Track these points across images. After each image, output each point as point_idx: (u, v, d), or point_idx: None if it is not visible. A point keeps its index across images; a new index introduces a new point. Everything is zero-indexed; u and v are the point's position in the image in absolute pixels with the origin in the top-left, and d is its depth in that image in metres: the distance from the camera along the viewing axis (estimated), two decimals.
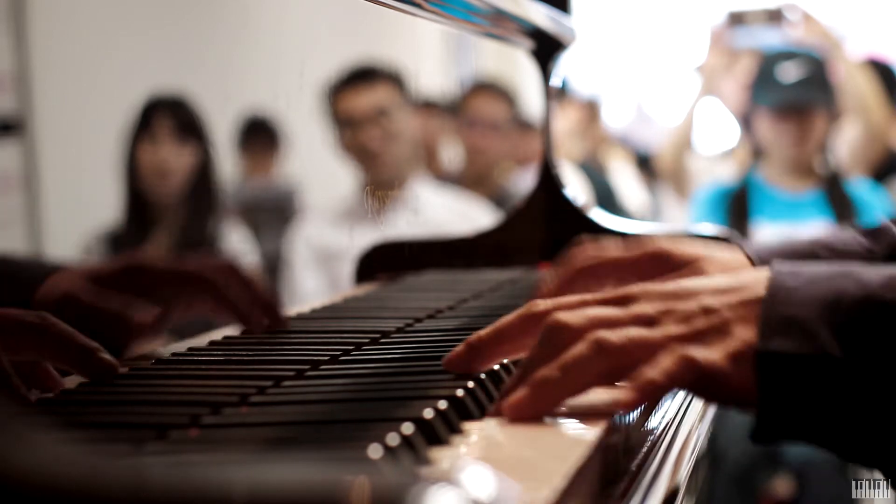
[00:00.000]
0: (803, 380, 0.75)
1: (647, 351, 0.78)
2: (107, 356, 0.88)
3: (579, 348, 0.77)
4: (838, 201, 3.22)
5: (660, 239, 1.03)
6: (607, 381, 0.79)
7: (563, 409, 0.79)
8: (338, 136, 2.26)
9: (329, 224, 2.03)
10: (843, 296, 0.77)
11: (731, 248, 1.08)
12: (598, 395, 0.82)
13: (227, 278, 1.06)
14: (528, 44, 1.65)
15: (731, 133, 4.23)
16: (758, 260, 1.05)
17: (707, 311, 0.79)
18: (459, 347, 0.84)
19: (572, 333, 0.79)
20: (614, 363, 0.78)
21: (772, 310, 0.77)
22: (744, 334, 0.77)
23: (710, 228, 1.67)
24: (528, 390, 0.77)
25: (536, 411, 0.77)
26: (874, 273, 0.78)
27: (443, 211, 2.62)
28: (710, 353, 0.77)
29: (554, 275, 1.06)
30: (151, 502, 0.41)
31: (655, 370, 0.76)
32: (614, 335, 0.78)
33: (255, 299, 1.08)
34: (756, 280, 0.80)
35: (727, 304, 0.79)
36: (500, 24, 1.56)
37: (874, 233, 1.11)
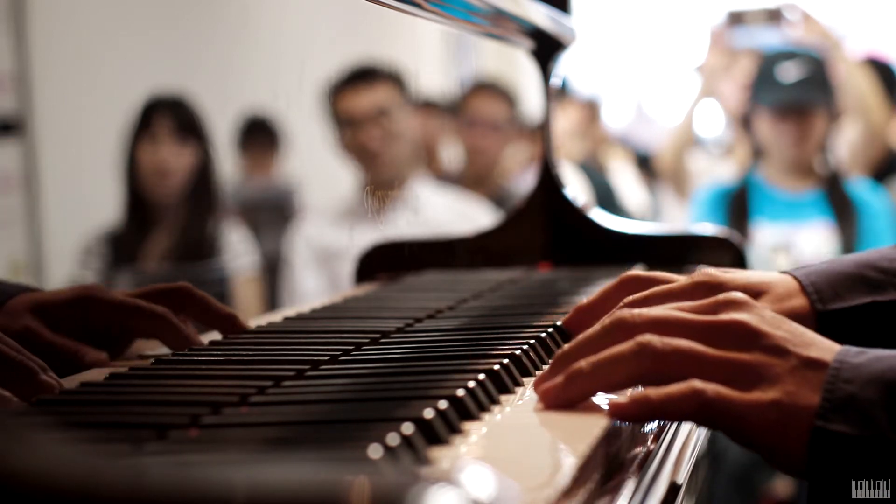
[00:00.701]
0: (857, 461, 0.76)
1: (691, 363, 0.78)
2: (48, 378, 0.87)
3: (621, 347, 0.78)
4: (838, 201, 3.21)
5: (709, 270, 1.02)
6: (647, 383, 0.79)
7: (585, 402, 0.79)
8: (338, 136, 2.26)
9: (329, 224, 2.03)
10: None
11: (782, 277, 1.07)
12: (598, 396, 0.82)
13: (184, 304, 1.07)
14: (528, 44, 1.65)
15: (730, 133, 4.23)
16: (814, 291, 1.04)
17: (775, 350, 0.79)
18: (556, 379, 0.81)
19: (628, 330, 0.80)
20: (652, 368, 0.78)
21: (835, 384, 0.77)
22: (802, 396, 0.77)
23: (710, 228, 1.67)
24: (562, 379, 0.79)
25: (566, 400, 0.79)
26: None
27: (443, 211, 2.62)
28: (754, 396, 0.77)
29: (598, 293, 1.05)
30: (151, 502, 0.41)
31: (659, 391, 0.77)
32: (660, 341, 0.78)
33: (215, 317, 1.09)
34: (825, 346, 0.80)
35: (798, 354, 0.79)
36: (500, 24, 1.56)
37: None
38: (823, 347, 0.80)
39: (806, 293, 1.02)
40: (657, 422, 0.89)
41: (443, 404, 0.71)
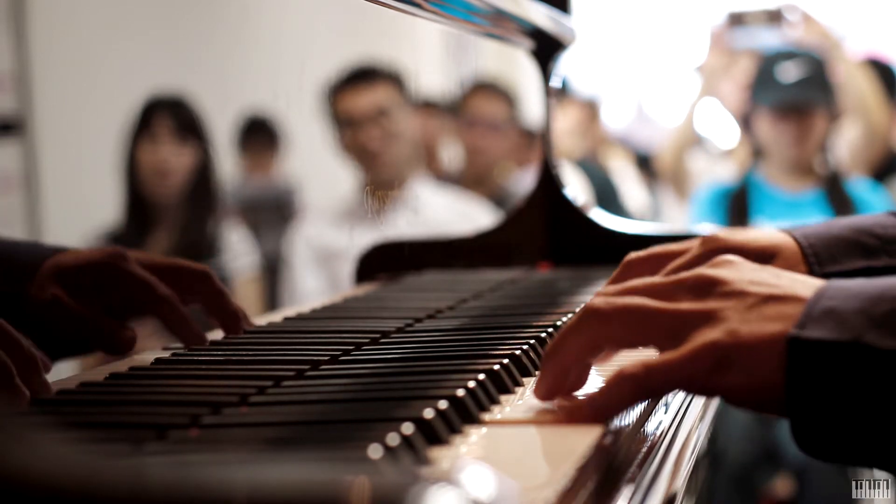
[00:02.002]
0: (836, 370, 0.71)
1: (636, 320, 0.76)
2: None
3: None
4: (838, 201, 3.22)
5: (717, 233, 1.02)
6: (611, 347, 0.79)
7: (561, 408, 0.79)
8: (338, 136, 2.26)
9: (329, 224, 2.03)
10: (891, 289, 0.73)
11: (780, 234, 1.07)
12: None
13: (200, 289, 1.08)
14: (528, 44, 1.65)
15: (730, 133, 4.23)
16: (812, 255, 1.04)
17: (732, 294, 0.76)
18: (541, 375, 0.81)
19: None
20: (601, 330, 0.77)
21: (817, 301, 0.74)
22: (739, 329, 0.73)
23: (710, 228, 1.67)
24: (540, 371, 0.79)
25: (547, 386, 0.78)
26: None
27: (443, 211, 2.62)
28: (667, 356, 0.74)
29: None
30: (151, 502, 0.41)
31: (594, 393, 0.76)
32: (604, 302, 0.77)
33: (223, 311, 1.09)
34: (807, 283, 0.77)
35: (760, 293, 0.75)
36: (500, 24, 1.56)
37: None
38: (805, 283, 0.77)
39: (803, 253, 1.03)
40: (657, 422, 0.89)
41: (443, 404, 0.71)
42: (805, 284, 0.77)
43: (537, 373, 0.86)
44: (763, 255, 1.00)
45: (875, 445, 0.72)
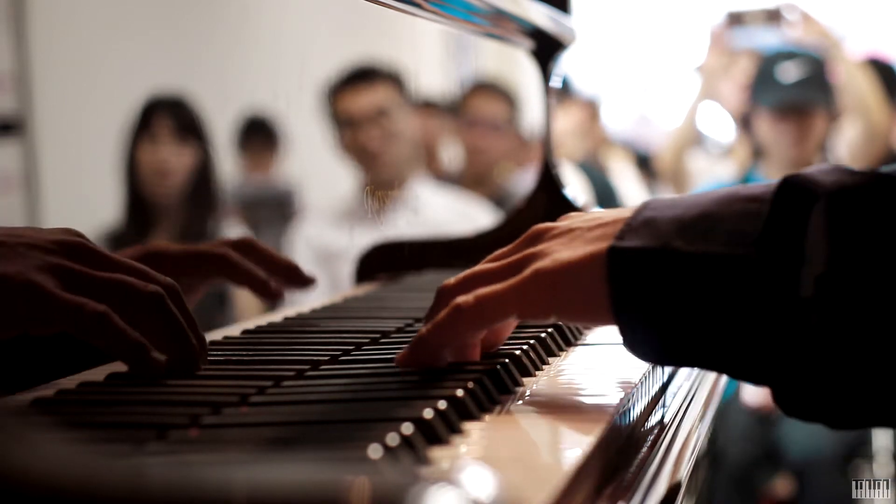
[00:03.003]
0: (651, 276, 0.76)
1: (497, 302, 0.81)
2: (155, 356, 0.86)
3: (443, 313, 0.82)
4: None
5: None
6: (482, 330, 0.84)
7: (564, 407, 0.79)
8: (338, 136, 2.26)
9: (329, 224, 2.03)
10: (701, 198, 0.78)
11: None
12: (598, 396, 0.82)
13: (242, 253, 1.12)
14: (528, 44, 1.65)
15: (730, 133, 4.23)
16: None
17: (559, 234, 0.82)
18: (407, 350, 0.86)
19: (449, 294, 0.84)
20: (471, 324, 0.82)
21: (638, 213, 0.79)
22: (561, 253, 0.79)
23: None
24: (409, 348, 0.84)
25: (417, 364, 0.83)
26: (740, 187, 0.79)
27: (443, 211, 2.62)
28: (495, 286, 0.80)
29: None
30: (151, 502, 0.41)
31: (427, 325, 0.82)
32: (465, 300, 0.82)
33: (274, 267, 1.14)
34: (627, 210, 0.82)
35: (583, 225, 0.81)
36: (500, 24, 1.56)
37: None
38: (625, 211, 0.81)
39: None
40: (657, 421, 0.89)
41: (443, 404, 0.71)
42: (632, 209, 0.81)
43: (545, 368, 0.88)
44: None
45: (691, 346, 0.76)
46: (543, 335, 0.99)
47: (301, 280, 1.20)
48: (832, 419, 0.75)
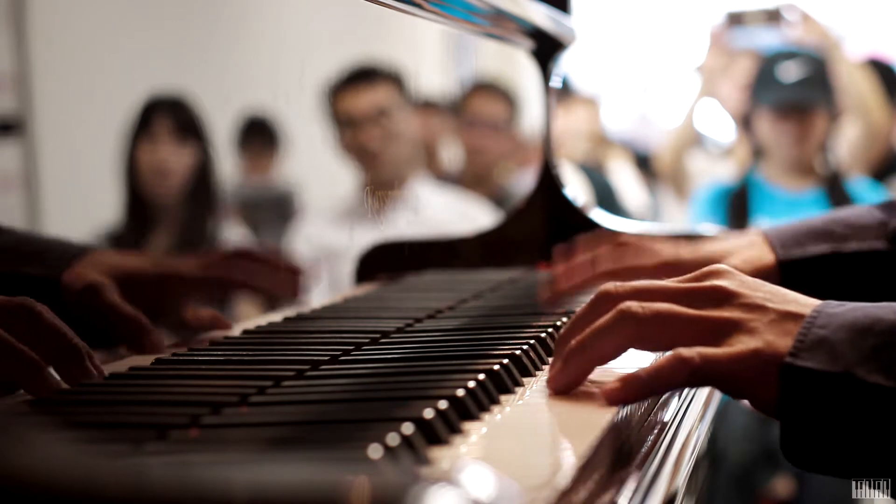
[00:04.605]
0: (826, 399, 0.76)
1: (672, 324, 0.81)
2: (90, 365, 0.87)
3: (605, 317, 0.81)
4: (839, 201, 3.21)
5: (673, 245, 1.04)
6: (638, 347, 0.83)
7: (564, 406, 0.79)
8: (338, 136, 2.25)
9: (329, 224, 2.03)
10: (879, 321, 0.78)
11: (750, 234, 1.10)
12: (598, 396, 0.82)
13: (246, 266, 1.13)
14: (528, 44, 1.65)
15: (730, 133, 4.23)
16: (779, 244, 1.07)
17: (753, 307, 0.81)
18: (556, 364, 0.84)
19: (612, 302, 0.82)
20: (636, 333, 0.81)
21: (809, 329, 0.79)
22: (776, 343, 0.79)
23: (710, 228, 1.67)
24: (560, 362, 0.82)
25: (569, 381, 0.82)
26: None
27: (443, 211, 2.62)
28: (728, 349, 0.79)
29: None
30: (151, 502, 0.41)
31: (647, 368, 0.79)
32: (640, 306, 0.81)
33: (278, 272, 1.13)
34: (805, 302, 0.82)
35: (775, 308, 0.81)
36: (500, 24, 1.56)
37: (888, 206, 1.12)
38: (803, 303, 0.82)
39: (770, 244, 1.06)
40: (656, 422, 0.89)
41: (443, 404, 0.71)
42: (801, 303, 0.82)
43: (538, 373, 0.87)
44: (715, 260, 1.03)
45: (855, 463, 0.79)
46: (543, 335, 0.99)
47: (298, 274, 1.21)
48: None
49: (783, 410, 0.78)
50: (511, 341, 0.94)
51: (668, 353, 0.79)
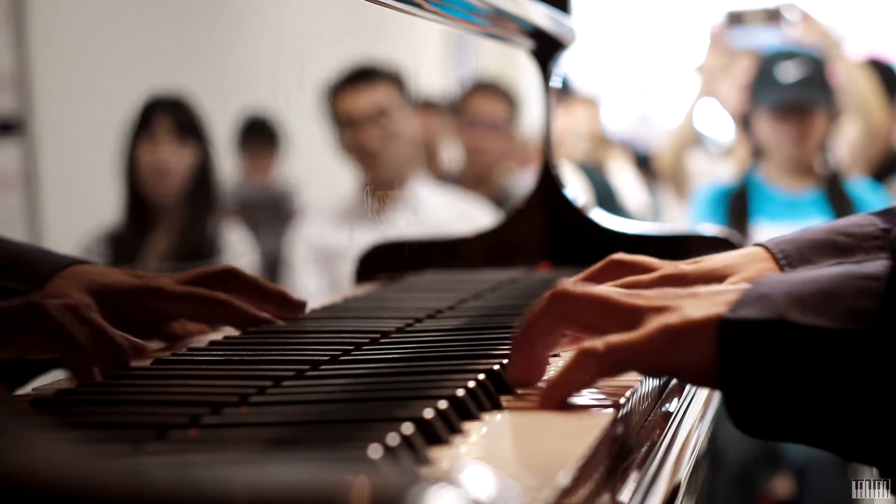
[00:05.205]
0: (766, 348, 0.75)
1: (600, 308, 0.82)
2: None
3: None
4: (838, 201, 3.22)
5: (678, 263, 1.04)
6: (575, 330, 0.85)
7: (566, 406, 0.79)
8: (338, 136, 2.25)
9: (329, 224, 2.03)
10: (817, 279, 0.77)
11: (751, 248, 1.10)
12: (598, 397, 0.82)
13: (233, 286, 1.09)
14: (528, 44, 1.65)
15: (730, 133, 4.23)
16: (783, 257, 1.06)
17: (687, 292, 0.82)
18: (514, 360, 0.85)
19: (567, 302, 0.84)
20: (568, 313, 0.83)
21: (749, 290, 0.79)
22: (692, 313, 0.78)
23: (710, 228, 1.67)
24: (511, 354, 0.84)
25: (520, 368, 0.84)
26: (868, 263, 0.79)
27: (443, 211, 2.62)
28: (625, 335, 0.79)
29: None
30: (151, 502, 0.41)
31: (557, 372, 0.80)
32: (572, 286, 0.83)
33: (265, 296, 1.10)
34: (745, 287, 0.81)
35: (709, 290, 0.82)
36: (500, 24, 1.56)
37: (887, 213, 1.12)
38: (742, 288, 0.81)
39: (775, 259, 1.05)
40: (656, 422, 0.89)
41: (443, 404, 0.71)
42: (741, 288, 0.81)
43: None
44: (715, 276, 1.02)
45: (801, 420, 0.76)
46: None
47: (292, 305, 1.16)
48: None
49: (724, 368, 0.76)
50: (511, 341, 0.94)
51: (573, 353, 0.80)
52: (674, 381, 1.00)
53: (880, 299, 0.74)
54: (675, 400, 0.96)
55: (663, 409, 0.93)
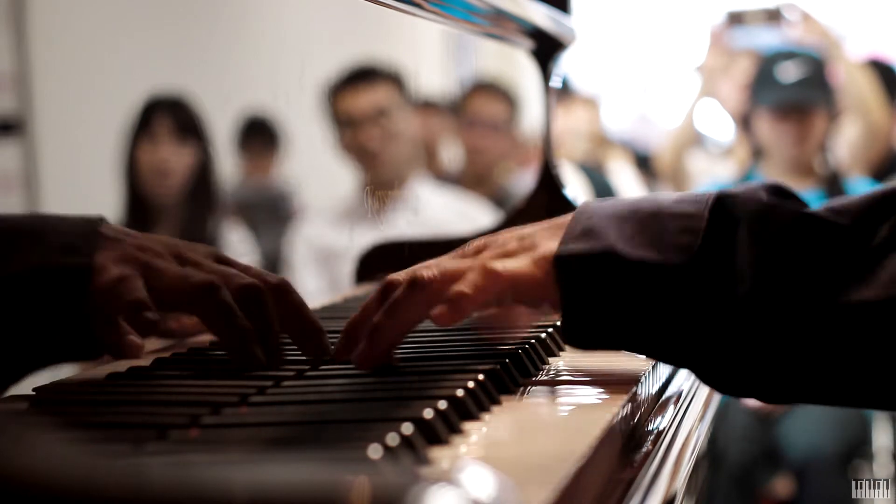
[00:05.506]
0: (596, 276, 0.85)
1: (460, 277, 0.87)
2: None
3: (398, 290, 0.87)
4: None
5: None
6: (433, 311, 0.88)
7: (564, 408, 0.79)
8: (338, 136, 2.25)
9: (329, 224, 2.03)
10: (638, 210, 0.87)
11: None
12: (598, 397, 0.82)
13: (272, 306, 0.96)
14: (528, 44, 1.65)
15: (730, 133, 4.23)
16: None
17: (521, 237, 0.90)
18: (361, 346, 0.88)
19: (398, 282, 0.88)
20: (430, 295, 0.87)
21: (574, 223, 0.88)
22: (549, 246, 0.87)
23: None
24: (366, 341, 0.87)
25: (377, 358, 0.87)
26: (673, 194, 0.89)
27: (443, 211, 2.62)
28: (513, 263, 0.88)
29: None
30: (151, 502, 0.41)
31: (462, 284, 0.86)
32: (426, 270, 0.88)
33: (300, 335, 0.94)
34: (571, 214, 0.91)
35: (539, 229, 0.90)
36: (500, 24, 1.56)
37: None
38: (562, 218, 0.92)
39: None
40: (657, 422, 0.89)
41: (443, 404, 0.71)
42: (567, 217, 0.91)
43: (546, 368, 0.93)
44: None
45: (632, 338, 0.86)
46: (543, 335, 0.99)
47: (320, 350, 0.93)
48: (758, 394, 0.86)
49: (563, 299, 0.86)
50: (511, 341, 0.94)
51: (475, 270, 0.88)
52: (673, 382, 1.00)
53: (701, 237, 0.84)
54: (675, 401, 0.96)
55: (663, 409, 0.93)
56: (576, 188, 1.72)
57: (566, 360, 0.97)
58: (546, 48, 1.66)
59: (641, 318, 0.85)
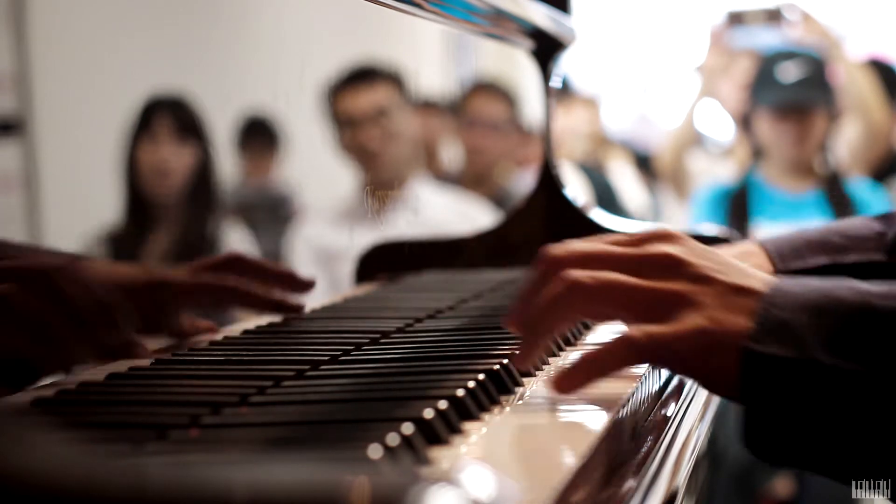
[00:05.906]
0: (790, 384, 0.76)
1: (619, 295, 0.81)
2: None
3: (554, 289, 0.81)
4: (838, 201, 3.21)
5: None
6: (586, 319, 0.86)
7: (566, 406, 0.79)
8: (338, 136, 2.25)
9: (329, 224, 2.03)
10: (838, 302, 0.78)
11: (747, 244, 1.10)
12: (598, 397, 0.82)
13: (240, 272, 1.09)
14: (528, 44, 1.65)
15: (730, 133, 4.23)
16: (777, 255, 1.07)
17: (699, 278, 0.81)
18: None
19: (559, 268, 0.83)
20: (585, 305, 0.82)
21: (767, 311, 0.78)
22: (725, 319, 0.78)
23: (710, 228, 1.67)
24: (522, 343, 0.84)
25: (532, 357, 0.84)
26: (872, 284, 0.79)
27: (443, 211, 2.62)
28: (664, 328, 0.78)
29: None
30: (151, 502, 0.41)
31: (592, 352, 0.80)
32: (588, 277, 0.81)
33: (273, 278, 1.12)
34: (755, 275, 0.82)
35: (724, 281, 0.80)
36: (500, 24, 1.56)
37: (885, 218, 1.12)
38: (753, 276, 0.82)
39: (767, 254, 1.06)
40: (656, 422, 0.89)
41: (443, 404, 0.71)
42: (754, 278, 0.82)
43: (546, 368, 0.88)
44: None
45: (820, 452, 0.78)
46: None
47: (300, 285, 1.17)
48: None
49: (746, 397, 0.77)
50: (511, 341, 0.94)
51: (616, 335, 0.80)
52: (673, 382, 1.00)
53: None
54: (675, 400, 0.96)
55: (663, 409, 0.93)
56: (576, 188, 1.72)
57: (566, 361, 0.97)
58: (546, 48, 1.65)
59: (838, 437, 0.77)
